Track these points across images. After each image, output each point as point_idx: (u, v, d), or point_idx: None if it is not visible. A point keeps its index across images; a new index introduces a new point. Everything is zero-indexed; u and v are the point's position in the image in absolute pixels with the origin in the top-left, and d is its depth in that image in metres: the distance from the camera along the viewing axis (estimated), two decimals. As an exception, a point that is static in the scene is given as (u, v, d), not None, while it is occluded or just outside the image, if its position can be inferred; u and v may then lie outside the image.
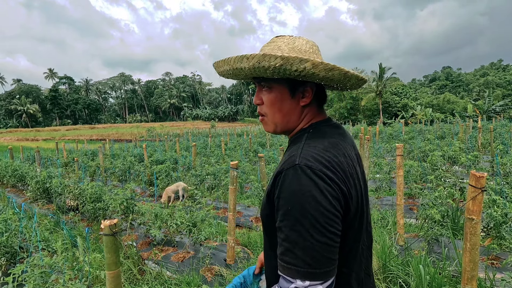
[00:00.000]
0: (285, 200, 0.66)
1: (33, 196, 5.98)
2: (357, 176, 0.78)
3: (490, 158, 7.08)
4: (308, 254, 0.63)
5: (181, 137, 26.43)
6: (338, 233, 0.66)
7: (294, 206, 0.65)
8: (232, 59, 0.77)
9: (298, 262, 0.63)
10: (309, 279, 0.63)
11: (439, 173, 4.87)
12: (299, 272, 0.63)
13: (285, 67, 0.70)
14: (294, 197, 0.65)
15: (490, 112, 31.47)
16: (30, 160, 12.48)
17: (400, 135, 15.10)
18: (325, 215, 0.64)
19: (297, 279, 0.63)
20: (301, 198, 0.64)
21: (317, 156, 0.70)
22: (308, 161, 0.68)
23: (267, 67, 0.71)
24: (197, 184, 6.48)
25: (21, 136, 42.77)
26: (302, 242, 0.63)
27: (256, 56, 0.71)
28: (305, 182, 0.65)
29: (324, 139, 0.78)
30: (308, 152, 0.71)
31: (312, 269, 0.63)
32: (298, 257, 0.63)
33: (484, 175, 1.55)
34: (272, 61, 0.70)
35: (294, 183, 0.66)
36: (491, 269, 2.59)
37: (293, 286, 0.63)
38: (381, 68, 35.99)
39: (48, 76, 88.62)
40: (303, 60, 0.70)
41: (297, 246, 0.64)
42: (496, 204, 3.06)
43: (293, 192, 0.65)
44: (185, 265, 3.16)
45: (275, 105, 0.83)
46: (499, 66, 77.98)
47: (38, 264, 2.23)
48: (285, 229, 0.66)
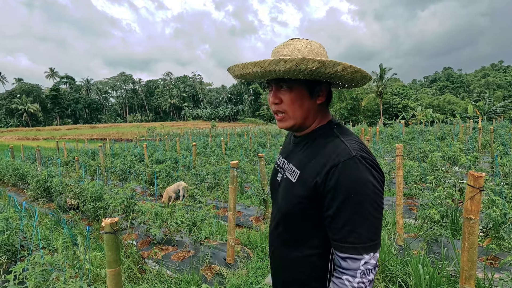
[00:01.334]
0: (347, 189, 0.74)
1: (33, 195, 5.99)
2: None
3: (490, 159, 7.08)
4: (370, 230, 0.74)
5: (182, 137, 26.44)
6: (382, 211, 0.79)
7: (358, 192, 0.74)
8: (266, 62, 0.78)
9: (363, 240, 0.74)
10: (373, 251, 0.75)
11: (439, 174, 4.87)
12: (365, 248, 0.74)
13: (320, 70, 0.76)
14: (357, 185, 0.74)
15: (491, 113, 31.44)
16: (30, 159, 12.50)
17: (400, 135, 15.09)
18: (380, 196, 0.76)
19: (364, 254, 0.73)
20: (363, 185, 0.74)
21: (364, 148, 0.81)
22: (361, 152, 0.79)
23: (303, 70, 0.75)
24: (197, 183, 6.49)
25: (22, 135, 42.81)
26: (365, 222, 0.74)
27: (294, 59, 0.74)
28: (364, 170, 0.76)
29: (353, 134, 0.89)
30: (355, 145, 0.81)
31: (373, 242, 0.74)
32: (362, 235, 0.74)
33: (482, 175, 1.56)
34: (310, 64, 0.74)
35: (355, 172, 0.75)
36: (490, 269, 2.60)
37: (363, 262, 0.74)
38: (382, 69, 35.98)
39: (49, 75, 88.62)
40: (336, 64, 0.76)
41: (362, 227, 0.74)
42: (495, 204, 3.06)
43: (355, 180, 0.75)
44: (185, 264, 3.17)
45: (296, 103, 0.88)
46: (500, 67, 77.92)
47: (38, 262, 2.24)
48: (345, 214, 0.75)
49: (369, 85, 38.73)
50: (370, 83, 38.84)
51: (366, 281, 0.74)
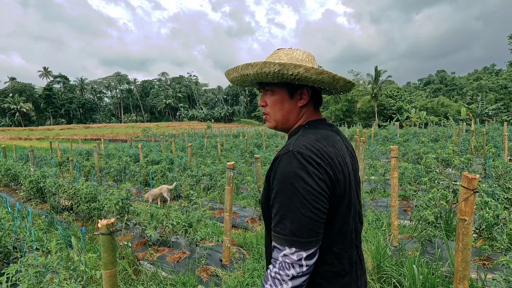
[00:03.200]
0: (278, 181, 0.78)
1: (26, 195, 5.91)
2: (347, 165, 0.88)
3: (483, 161, 7.19)
4: (295, 226, 0.74)
5: (177, 138, 26.31)
6: (323, 210, 0.77)
7: (286, 185, 0.76)
8: (239, 67, 0.92)
9: (286, 232, 0.75)
10: (294, 246, 0.74)
11: (433, 175, 4.93)
12: (286, 240, 0.75)
13: (283, 72, 0.84)
14: (286, 178, 0.77)
15: (483, 116, 31.92)
16: (23, 160, 12.32)
17: (395, 137, 15.23)
18: (312, 193, 0.75)
19: (285, 246, 0.74)
20: (292, 179, 0.76)
21: (308, 145, 0.82)
22: (300, 148, 0.80)
23: (267, 73, 0.86)
24: (193, 184, 6.47)
25: (14, 135, 42.19)
26: (290, 215, 0.75)
27: (259, 63, 0.86)
28: (296, 165, 0.77)
29: (317, 132, 0.90)
30: (301, 142, 0.83)
31: (296, 237, 0.74)
32: (287, 228, 0.75)
33: (476, 177, 1.59)
34: (272, 67, 0.84)
35: (287, 166, 0.78)
36: (483, 269, 2.63)
37: (282, 253, 0.75)
38: (377, 71, 36.31)
39: (42, 74, 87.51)
40: (297, 66, 0.84)
41: (287, 219, 0.75)
42: (488, 206, 3.11)
43: (285, 173, 0.77)
44: (180, 266, 3.15)
45: (276, 105, 0.96)
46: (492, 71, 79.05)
47: (32, 264, 2.21)
48: (277, 204, 0.78)
49: (364, 87, 39.02)
50: (365, 85, 39.16)
51: (283, 274, 0.73)
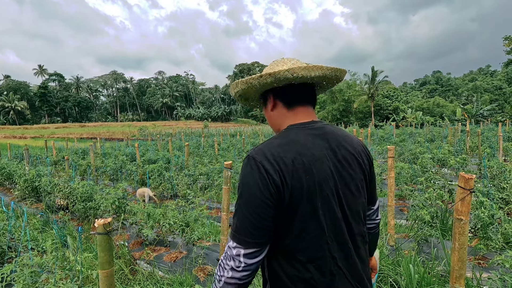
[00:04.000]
0: (239, 180, 0.86)
1: (21, 194, 5.86)
2: (315, 173, 0.81)
3: (478, 161, 7.25)
4: (238, 223, 0.82)
5: (174, 137, 26.22)
6: (263, 216, 0.79)
7: (240, 186, 0.84)
8: (232, 86, 1.01)
9: (233, 227, 0.83)
10: (235, 242, 0.81)
11: (429, 175, 4.97)
12: (231, 235, 0.83)
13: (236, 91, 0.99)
14: (241, 179, 0.85)
15: (478, 116, 32.22)
16: (18, 158, 12.20)
17: (391, 137, 15.31)
18: (254, 199, 0.80)
19: (231, 240, 0.83)
20: (243, 181, 0.83)
21: (264, 150, 0.84)
22: (256, 153, 0.84)
23: (235, 92, 1.00)
24: (190, 184, 6.45)
25: (9, 134, 41.76)
26: (238, 213, 0.83)
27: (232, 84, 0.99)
28: (247, 170, 0.83)
29: (285, 137, 0.88)
30: (261, 146, 0.86)
31: (238, 234, 0.81)
32: (234, 223, 0.84)
33: (473, 177, 1.60)
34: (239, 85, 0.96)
35: (243, 168, 0.85)
36: (478, 268, 2.66)
37: (228, 245, 0.83)
38: (374, 71, 36.47)
39: (37, 72, 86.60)
40: (236, 84, 0.96)
41: (236, 216, 0.84)
42: (483, 205, 3.14)
43: (241, 175, 0.85)
44: (177, 265, 3.14)
45: (265, 114, 1.05)
46: (487, 72, 79.82)
47: (27, 263, 2.19)
48: (235, 202, 0.87)
49: (361, 87, 39.17)
50: (362, 85, 39.31)
51: (225, 262, 0.82)
